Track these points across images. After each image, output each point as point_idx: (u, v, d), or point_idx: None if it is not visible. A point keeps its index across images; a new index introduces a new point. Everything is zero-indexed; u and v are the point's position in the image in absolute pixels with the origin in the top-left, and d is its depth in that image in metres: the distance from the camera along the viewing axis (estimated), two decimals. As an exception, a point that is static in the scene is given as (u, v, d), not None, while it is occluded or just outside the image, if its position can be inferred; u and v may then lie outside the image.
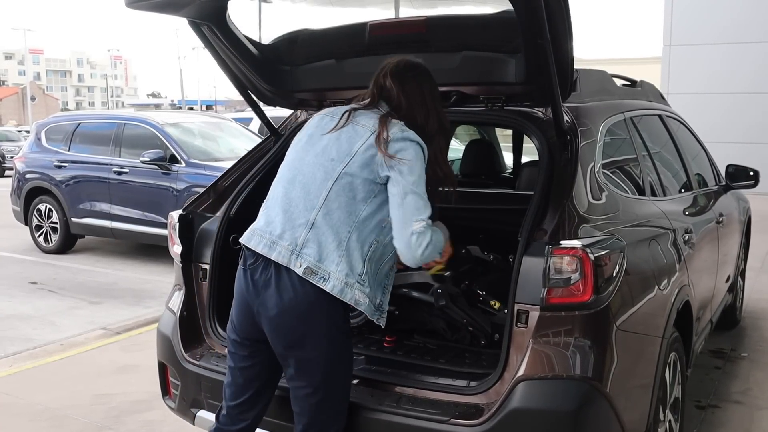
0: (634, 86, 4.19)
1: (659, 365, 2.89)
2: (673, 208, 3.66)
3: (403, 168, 2.36)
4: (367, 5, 3.54)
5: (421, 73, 2.59)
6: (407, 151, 2.39)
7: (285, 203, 2.47)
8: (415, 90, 2.54)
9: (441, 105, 2.60)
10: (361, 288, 2.40)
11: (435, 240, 2.38)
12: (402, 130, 2.42)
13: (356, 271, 2.39)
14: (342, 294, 2.36)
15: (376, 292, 2.47)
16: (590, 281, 2.43)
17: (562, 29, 2.47)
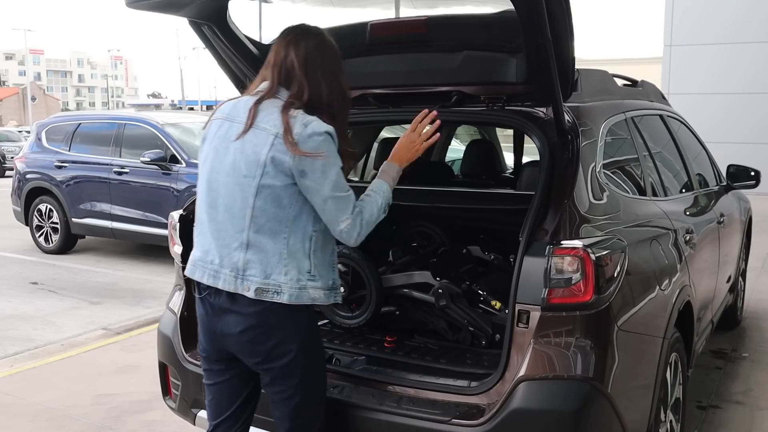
0: (635, 86, 4.19)
1: (660, 365, 2.89)
2: (675, 208, 3.66)
3: (316, 171, 2.26)
4: (368, 5, 3.53)
5: (321, 43, 2.42)
6: (319, 148, 2.26)
7: (214, 229, 2.39)
8: (316, 62, 2.38)
9: (344, 76, 2.46)
10: (314, 284, 2.37)
11: (366, 221, 2.36)
12: (305, 124, 2.27)
13: (304, 270, 2.35)
14: (299, 299, 2.33)
15: (328, 276, 2.43)
16: (591, 281, 2.42)
17: (563, 29, 2.47)
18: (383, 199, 2.44)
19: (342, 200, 2.31)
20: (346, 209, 2.32)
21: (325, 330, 3.29)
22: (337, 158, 2.30)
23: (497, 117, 3.10)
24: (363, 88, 3.25)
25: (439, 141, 5.55)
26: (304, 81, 2.34)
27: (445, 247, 3.81)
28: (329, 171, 2.28)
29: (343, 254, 3.25)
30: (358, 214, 2.34)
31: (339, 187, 2.30)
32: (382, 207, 2.44)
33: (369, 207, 2.39)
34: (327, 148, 2.27)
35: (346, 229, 2.33)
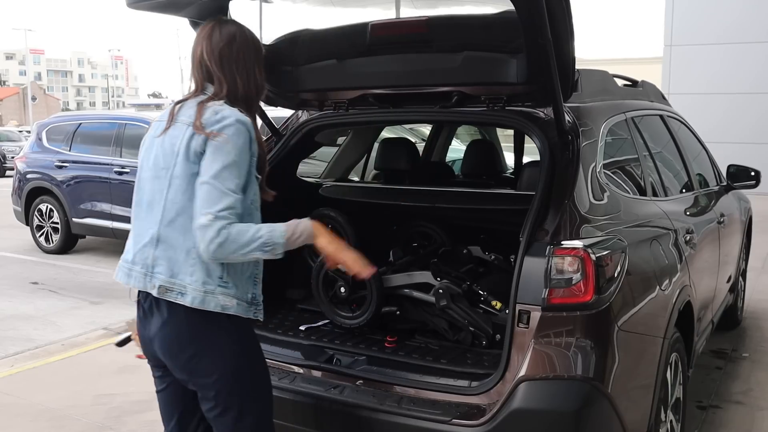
0: (635, 86, 4.19)
1: (660, 365, 2.89)
2: (675, 209, 3.66)
3: (209, 153, 2.17)
4: (368, 5, 3.54)
5: (231, 36, 2.36)
6: (221, 132, 2.19)
7: (135, 227, 2.38)
8: (229, 55, 2.33)
9: (260, 68, 2.41)
10: (225, 291, 2.24)
11: (230, 238, 2.12)
12: (216, 111, 2.23)
13: (215, 275, 2.23)
14: (204, 304, 2.21)
15: (245, 289, 2.31)
16: (592, 282, 2.43)
17: (563, 29, 2.47)
18: (267, 235, 2.18)
19: (215, 191, 2.14)
20: (214, 203, 2.13)
21: (325, 330, 3.29)
22: (240, 154, 2.19)
23: (498, 117, 3.10)
24: (363, 88, 3.26)
25: (440, 141, 5.60)
26: (221, 75, 2.32)
27: (446, 248, 3.81)
28: (220, 156, 2.17)
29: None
30: (225, 222, 2.12)
31: (223, 178, 2.15)
32: (259, 241, 2.16)
33: (244, 228, 2.16)
34: (232, 136, 2.19)
35: (202, 226, 2.13)
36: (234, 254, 2.15)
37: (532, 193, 2.79)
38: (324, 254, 2.37)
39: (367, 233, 3.80)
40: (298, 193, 3.88)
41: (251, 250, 2.15)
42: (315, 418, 2.71)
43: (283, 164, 3.54)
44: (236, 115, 2.23)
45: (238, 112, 2.25)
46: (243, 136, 2.21)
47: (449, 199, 3.87)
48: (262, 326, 3.28)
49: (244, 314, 2.30)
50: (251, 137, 2.25)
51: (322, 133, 3.67)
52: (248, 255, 2.17)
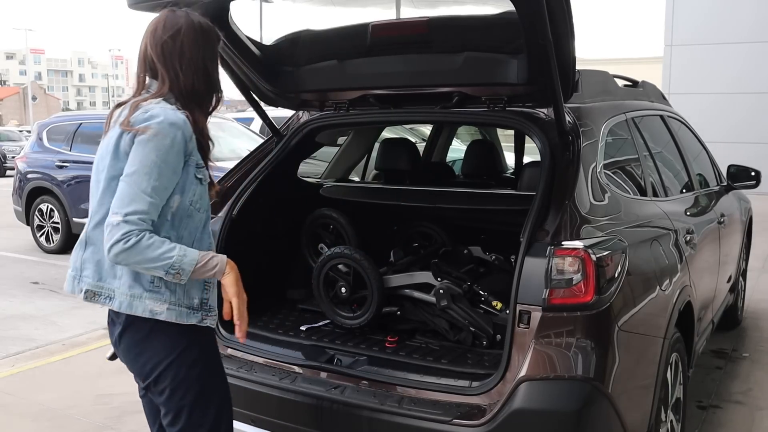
0: (635, 87, 4.19)
1: (661, 366, 2.89)
2: (675, 209, 3.66)
3: (131, 152, 2.07)
4: (369, 5, 3.54)
5: (176, 29, 2.20)
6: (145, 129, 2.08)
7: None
8: (172, 50, 2.18)
9: (212, 62, 2.26)
10: (156, 296, 2.14)
11: (137, 247, 2.01)
12: (146, 110, 2.11)
13: (144, 279, 2.13)
14: (131, 308, 2.14)
15: (191, 294, 2.19)
16: (592, 282, 2.43)
17: (563, 30, 2.48)
18: (177, 257, 2.06)
19: (128, 191, 2.04)
20: (125, 204, 2.03)
21: (326, 330, 3.29)
22: (164, 155, 2.06)
23: (498, 118, 3.11)
24: (364, 89, 3.26)
25: (440, 141, 5.61)
26: (163, 71, 2.19)
27: (446, 248, 3.82)
28: (139, 156, 2.05)
29: (344, 255, 3.26)
30: (134, 228, 2.01)
31: (138, 178, 2.04)
32: (166, 261, 2.04)
33: (158, 245, 2.04)
34: (155, 135, 2.05)
35: (110, 224, 2.02)
36: (137, 265, 2.06)
37: (533, 193, 2.79)
38: (224, 290, 2.22)
39: (367, 233, 3.81)
40: (299, 193, 3.89)
41: (155, 268, 2.05)
42: (316, 419, 2.71)
43: (284, 164, 3.55)
44: (165, 114, 2.10)
45: (170, 111, 2.12)
46: (170, 136, 2.07)
47: (450, 200, 3.88)
48: (263, 326, 3.30)
49: (182, 320, 2.18)
50: (184, 137, 2.10)
51: (323, 133, 3.68)
52: (150, 271, 2.07)
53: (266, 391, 2.82)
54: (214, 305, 2.28)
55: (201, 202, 2.22)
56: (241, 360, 3.01)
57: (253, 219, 3.40)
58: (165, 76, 2.19)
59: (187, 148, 2.13)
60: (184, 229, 2.17)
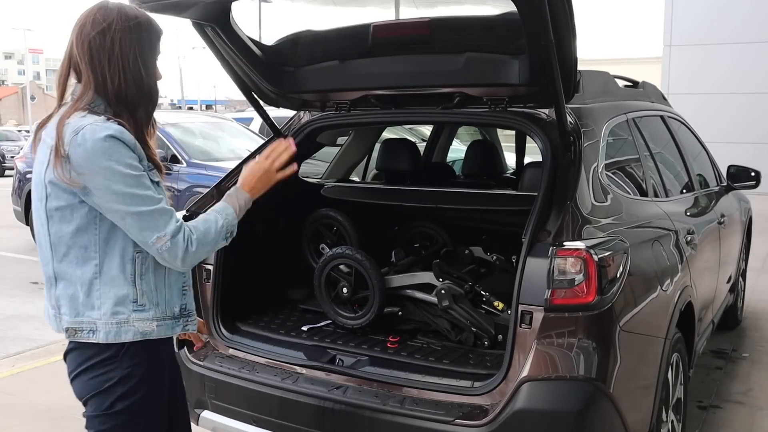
0: (636, 87, 4.20)
1: (662, 366, 2.90)
2: (676, 209, 3.67)
3: (99, 187, 1.89)
4: (368, 5, 3.54)
5: (107, 24, 1.97)
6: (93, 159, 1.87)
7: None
8: (100, 48, 1.95)
9: (148, 61, 2.04)
10: (143, 314, 2.00)
11: (198, 241, 1.99)
12: (76, 131, 1.89)
13: (128, 299, 1.99)
14: (119, 336, 1.98)
15: (170, 304, 2.08)
16: (594, 282, 2.44)
17: (565, 30, 2.48)
18: (225, 222, 2.08)
19: (145, 216, 1.92)
20: (155, 227, 1.93)
21: (328, 330, 3.30)
22: (127, 165, 1.90)
23: (500, 118, 3.11)
24: (365, 89, 3.26)
25: (441, 141, 5.61)
26: (88, 72, 1.96)
27: (448, 248, 3.82)
28: (115, 183, 1.89)
29: (346, 255, 3.26)
30: (180, 231, 1.95)
31: (137, 199, 1.91)
32: (222, 231, 2.07)
33: (205, 225, 2.03)
34: (107, 155, 1.88)
35: (165, 249, 1.94)
36: (206, 254, 2.06)
37: (534, 193, 2.80)
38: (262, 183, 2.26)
39: (368, 234, 3.81)
40: (300, 193, 3.89)
41: (216, 242, 2.07)
42: (318, 419, 2.71)
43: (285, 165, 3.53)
44: (102, 131, 1.89)
45: (103, 126, 1.90)
46: (117, 150, 1.90)
47: (451, 200, 3.88)
48: (264, 326, 3.30)
49: (171, 333, 2.08)
50: (127, 144, 1.92)
51: (324, 133, 3.68)
52: (214, 248, 2.10)
53: (268, 391, 2.82)
54: (192, 308, 2.17)
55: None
56: (243, 360, 3.02)
57: (254, 219, 3.38)
58: (90, 79, 1.96)
59: (137, 151, 1.96)
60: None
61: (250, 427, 2.89)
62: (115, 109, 1.98)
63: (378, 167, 4.33)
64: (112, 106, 1.98)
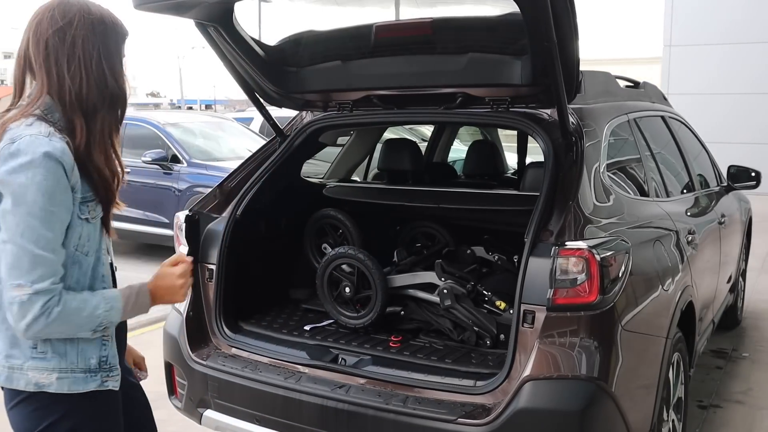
0: (637, 87, 4.21)
1: (663, 365, 2.91)
2: (676, 209, 3.68)
3: (8, 200, 1.68)
4: (367, 4, 3.55)
5: (67, 21, 1.78)
6: (16, 175, 1.66)
7: None
8: (56, 47, 1.77)
9: (114, 63, 1.85)
10: (41, 364, 1.76)
11: (58, 315, 1.68)
12: (13, 140, 1.69)
13: (24, 345, 1.76)
14: (11, 382, 1.77)
15: (83, 355, 1.81)
16: (596, 282, 2.45)
17: (568, 31, 2.50)
18: (105, 313, 1.77)
19: (24, 255, 1.65)
20: (26, 271, 1.65)
21: (330, 330, 3.31)
22: (51, 199, 1.67)
23: (502, 119, 3.12)
24: (368, 90, 3.28)
25: (442, 141, 5.63)
26: (43, 74, 1.78)
27: (450, 248, 3.83)
28: (22, 207, 1.66)
29: (349, 255, 3.27)
30: (50, 296, 1.67)
31: (30, 235, 1.66)
32: (94, 322, 1.75)
33: (79, 304, 1.73)
34: (31, 179, 1.66)
35: (17, 302, 1.66)
36: (60, 334, 1.75)
37: (536, 193, 2.81)
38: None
39: (370, 233, 3.82)
40: (302, 193, 3.90)
41: (82, 332, 1.76)
42: (320, 418, 2.72)
43: (288, 165, 3.56)
44: (35, 146, 1.68)
45: (42, 140, 1.69)
46: (51, 173, 1.67)
47: (453, 200, 3.89)
48: (266, 326, 3.31)
49: (79, 388, 1.80)
50: (64, 169, 1.70)
51: (327, 133, 3.69)
52: (76, 334, 1.76)
53: (271, 390, 2.83)
54: (115, 362, 1.89)
55: (89, 245, 1.82)
56: (245, 360, 3.02)
57: (256, 219, 3.41)
58: (45, 81, 1.78)
59: (71, 181, 1.73)
60: (71, 278, 1.78)
61: (253, 426, 2.89)
62: (70, 115, 1.78)
63: (380, 167, 4.34)
64: (67, 112, 1.78)
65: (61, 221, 1.72)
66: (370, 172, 5.03)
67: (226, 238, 3.20)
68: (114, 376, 1.88)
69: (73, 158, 1.73)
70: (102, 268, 1.88)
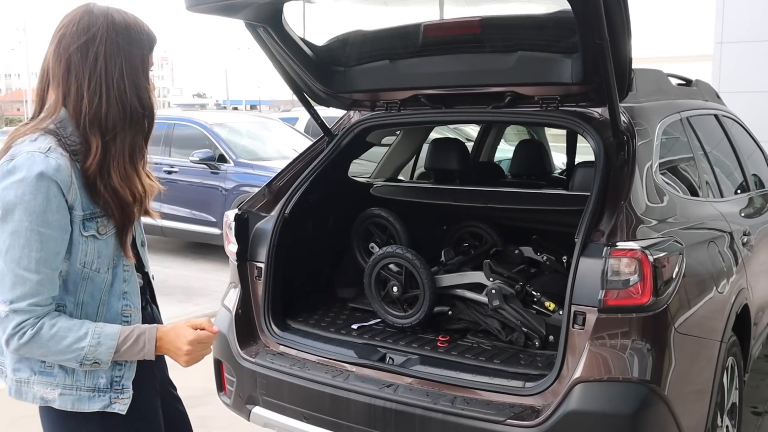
0: (689, 85, 4.13)
1: (717, 369, 2.85)
2: (731, 210, 3.60)
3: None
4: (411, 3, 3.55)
5: (96, 33, 1.72)
6: (6, 192, 1.64)
7: None
8: (84, 63, 1.71)
9: (138, 78, 1.77)
10: (47, 379, 1.74)
11: (39, 340, 1.64)
12: (12, 156, 1.66)
13: (33, 359, 1.74)
14: (20, 395, 1.77)
15: (92, 374, 1.76)
16: (649, 283, 2.41)
17: (621, 28, 2.46)
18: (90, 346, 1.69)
19: (7, 273, 1.64)
20: (9, 289, 1.63)
21: (377, 329, 3.31)
22: (38, 219, 1.62)
23: (551, 118, 3.09)
24: (415, 89, 3.27)
25: (489, 141, 5.60)
26: (64, 90, 1.73)
27: (497, 248, 3.81)
28: (6, 225, 1.63)
29: (397, 254, 3.28)
30: (28, 317, 1.64)
31: (14, 254, 1.63)
32: (80, 354, 1.68)
33: (62, 332, 1.67)
34: (17, 194, 1.62)
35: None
36: (44, 357, 1.71)
37: (585, 193, 2.77)
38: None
39: (417, 233, 3.82)
40: (350, 192, 3.92)
41: (66, 360, 1.70)
42: (368, 417, 2.73)
43: (335, 164, 3.58)
44: (30, 164, 1.63)
45: (38, 158, 1.64)
46: (41, 192, 1.63)
47: (501, 200, 3.86)
48: (314, 324, 3.33)
49: (82, 407, 1.76)
50: (60, 188, 1.65)
51: (374, 133, 3.70)
52: (63, 362, 1.71)
53: (319, 388, 2.85)
54: (128, 384, 1.80)
55: (99, 262, 1.75)
56: (293, 357, 3.05)
57: (304, 218, 3.43)
58: (61, 96, 1.73)
59: (69, 200, 1.68)
60: (83, 293, 1.75)
61: (301, 424, 2.91)
62: (85, 133, 1.72)
63: (427, 167, 4.33)
64: (82, 129, 1.72)
65: (53, 240, 1.66)
66: (416, 172, 5.03)
67: (275, 236, 3.23)
68: (124, 398, 1.79)
69: (71, 174, 1.67)
70: (122, 285, 1.81)
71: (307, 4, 3.30)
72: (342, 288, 3.78)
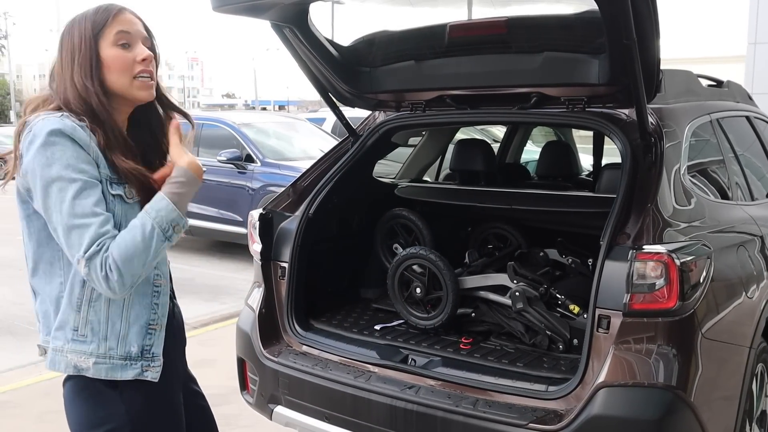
0: (720, 87, 4.06)
1: (746, 376, 2.80)
2: (762, 214, 3.53)
3: (37, 189, 1.70)
4: (439, 4, 3.54)
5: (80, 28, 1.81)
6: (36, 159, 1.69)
7: None
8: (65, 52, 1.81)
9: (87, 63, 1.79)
10: (79, 347, 1.77)
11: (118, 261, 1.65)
12: (30, 129, 1.73)
13: (68, 326, 1.77)
14: (54, 365, 1.80)
15: (124, 341, 1.79)
16: (676, 287, 2.37)
17: (649, 28, 2.43)
18: (156, 221, 1.71)
19: (72, 231, 1.67)
20: (78, 245, 1.66)
21: (400, 330, 3.30)
22: (69, 166, 1.68)
23: (578, 119, 3.06)
24: (441, 89, 3.26)
25: (515, 142, 5.56)
26: (58, 78, 1.82)
27: (522, 250, 3.78)
28: (50, 186, 1.67)
29: (420, 255, 3.27)
30: (97, 254, 1.66)
31: (67, 207, 1.66)
32: (155, 233, 1.70)
33: (126, 239, 1.68)
34: (49, 153, 1.67)
35: (86, 275, 1.68)
36: (143, 264, 1.70)
37: (612, 195, 2.74)
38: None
39: (442, 234, 3.80)
40: (374, 193, 3.92)
41: (154, 250, 1.71)
42: (390, 418, 2.72)
43: (360, 164, 3.58)
44: (46, 125, 1.70)
45: (52, 120, 1.71)
46: (66, 147, 1.69)
47: (527, 201, 3.84)
48: (337, 324, 3.34)
49: (115, 375, 1.79)
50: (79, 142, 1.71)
51: (399, 133, 3.69)
52: (158, 256, 1.73)
53: (341, 389, 2.85)
54: (158, 352, 1.85)
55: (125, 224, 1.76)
56: (316, 357, 3.05)
57: (328, 218, 3.44)
58: (59, 85, 1.82)
59: (91, 152, 1.73)
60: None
61: (323, 424, 2.92)
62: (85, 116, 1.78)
63: (452, 168, 4.32)
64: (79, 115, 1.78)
65: (96, 186, 1.71)
66: (441, 173, 5.01)
67: (299, 236, 3.23)
68: (155, 366, 1.83)
69: (89, 135, 1.73)
70: None
71: (336, 5, 3.31)
72: (365, 288, 3.78)
